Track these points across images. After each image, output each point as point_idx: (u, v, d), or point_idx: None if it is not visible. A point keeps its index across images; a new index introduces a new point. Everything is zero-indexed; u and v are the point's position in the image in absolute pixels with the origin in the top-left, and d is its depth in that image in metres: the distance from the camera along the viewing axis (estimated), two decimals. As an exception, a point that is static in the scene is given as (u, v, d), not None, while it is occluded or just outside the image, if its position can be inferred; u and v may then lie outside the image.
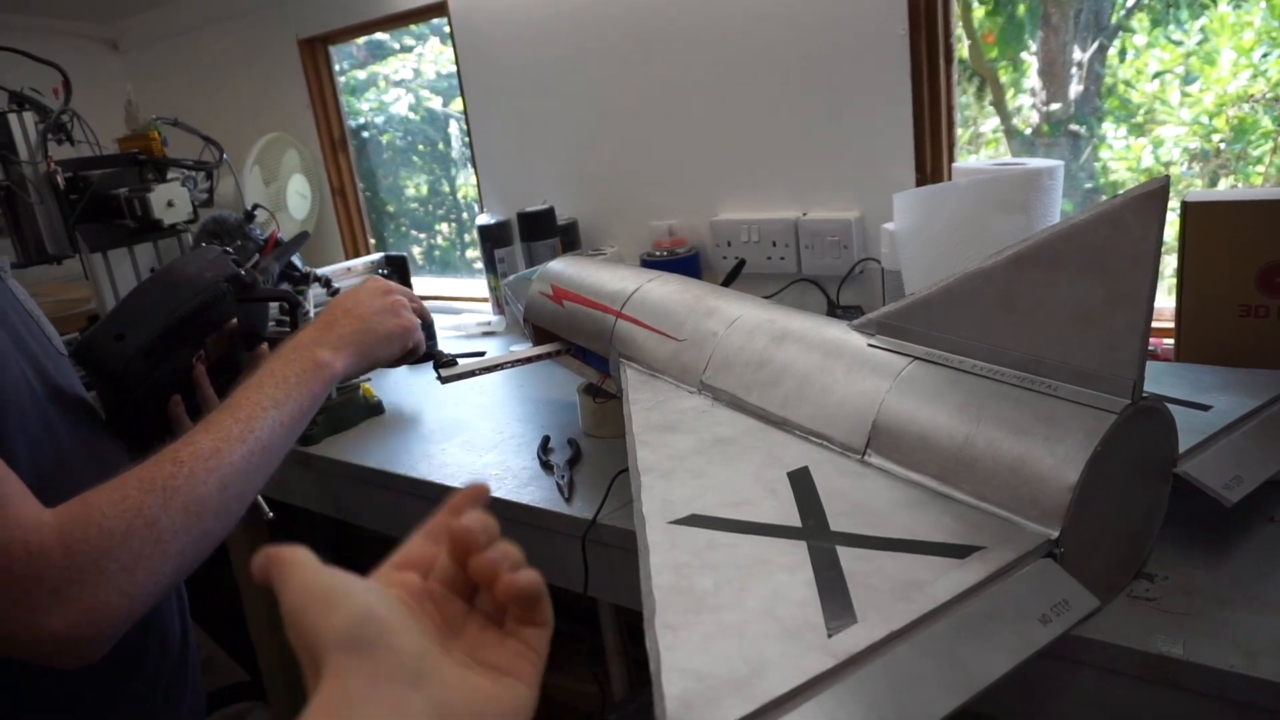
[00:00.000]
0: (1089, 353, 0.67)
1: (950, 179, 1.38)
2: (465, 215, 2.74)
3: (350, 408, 1.41)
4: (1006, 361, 0.73)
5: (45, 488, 0.67)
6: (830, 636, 0.53)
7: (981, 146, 1.96)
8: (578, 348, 1.21)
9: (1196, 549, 0.77)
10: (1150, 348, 1.15)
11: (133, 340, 0.85)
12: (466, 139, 2.01)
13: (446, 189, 2.79)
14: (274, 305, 1.09)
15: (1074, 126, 2.12)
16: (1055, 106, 2.13)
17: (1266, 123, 1.67)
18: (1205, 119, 1.82)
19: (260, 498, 1.28)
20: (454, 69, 1.98)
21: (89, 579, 0.58)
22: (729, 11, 1.50)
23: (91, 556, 0.58)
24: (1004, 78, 2.01)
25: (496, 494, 1.09)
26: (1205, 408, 0.86)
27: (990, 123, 2.02)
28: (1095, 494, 0.65)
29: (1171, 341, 1.11)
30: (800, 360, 0.86)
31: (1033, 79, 2.14)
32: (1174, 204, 0.94)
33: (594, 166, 1.78)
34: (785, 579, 0.60)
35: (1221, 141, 1.78)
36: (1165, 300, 1.25)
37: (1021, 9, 2.08)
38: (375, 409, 1.45)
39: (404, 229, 2.71)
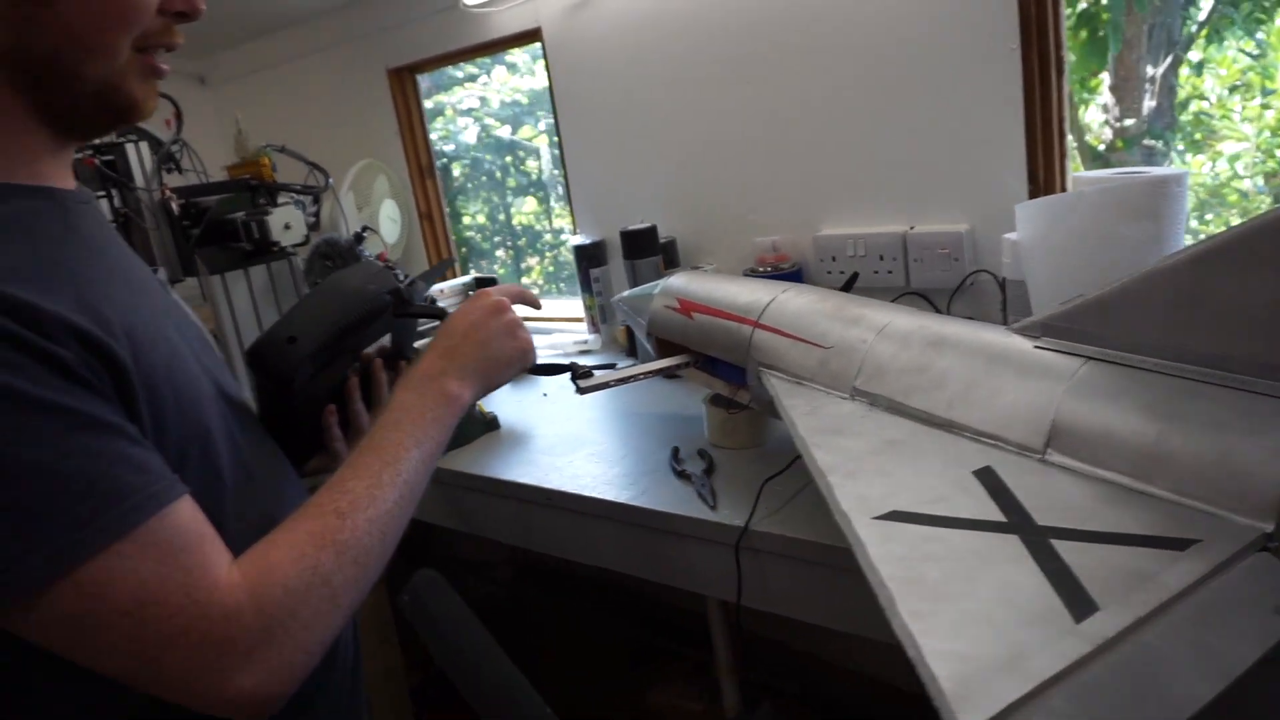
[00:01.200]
0: (1288, 348, 0.67)
1: (1064, 190, 1.39)
2: (522, 241, 2.79)
3: (468, 424, 1.44)
4: (1192, 360, 0.73)
5: (239, 504, 0.69)
6: (1078, 623, 0.54)
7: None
8: (705, 360, 1.22)
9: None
10: None
11: (303, 344, 0.87)
12: (556, 162, 2.05)
13: (503, 216, 2.85)
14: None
15: (1149, 141, 2.11)
16: (1129, 122, 2.13)
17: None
18: (1269, 134, 1.82)
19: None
20: (518, 96, 2.03)
21: (277, 639, 0.59)
22: (833, 27, 1.52)
23: (279, 618, 0.59)
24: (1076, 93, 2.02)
25: (639, 504, 1.11)
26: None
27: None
28: (1304, 487, 0.65)
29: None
30: (962, 365, 0.87)
31: (1104, 95, 2.15)
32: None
33: (691, 184, 1.80)
34: (1010, 570, 0.60)
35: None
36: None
37: (1103, 28, 2.09)
38: (492, 425, 1.48)
39: (463, 254, 2.76)
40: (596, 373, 1.16)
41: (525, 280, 2.79)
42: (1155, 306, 0.75)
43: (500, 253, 2.90)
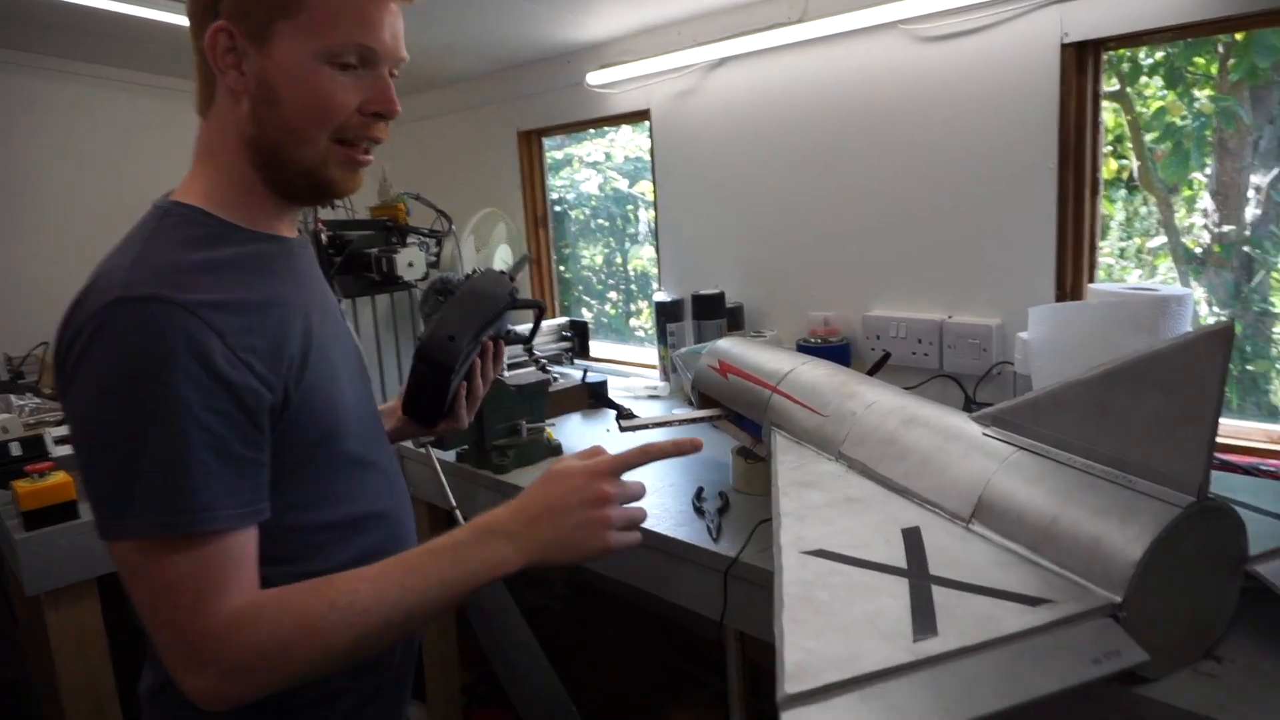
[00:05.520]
0: (1163, 456, 0.81)
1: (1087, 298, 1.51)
2: (634, 287, 3.03)
3: (536, 447, 1.67)
4: (1096, 457, 0.87)
5: (355, 487, 0.90)
6: (915, 642, 0.70)
7: (1154, 260, 2.03)
8: (735, 414, 1.41)
9: (1270, 642, 0.88)
10: (1269, 467, 1.25)
11: (459, 340, 1.09)
12: (652, 222, 2.29)
13: (619, 261, 3.10)
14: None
15: (1247, 248, 2.17)
16: (1228, 228, 2.19)
17: None
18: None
19: (457, 510, 1.53)
20: (641, 154, 2.27)
21: (228, 672, 0.73)
22: (899, 134, 1.70)
23: (235, 660, 0.73)
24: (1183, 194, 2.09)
25: (654, 529, 1.30)
26: (1290, 520, 0.96)
27: (1161, 238, 2.10)
28: (1160, 572, 0.78)
29: (1282, 463, 1.20)
30: (924, 441, 1.03)
31: (1205, 200, 2.21)
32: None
33: (762, 257, 2.00)
34: (887, 601, 0.77)
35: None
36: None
37: (1187, 142, 2.17)
38: (555, 450, 1.70)
39: (578, 294, 3.03)
40: (638, 415, 1.36)
41: (634, 322, 3.03)
42: (1073, 410, 0.90)
43: (613, 294, 3.16)
